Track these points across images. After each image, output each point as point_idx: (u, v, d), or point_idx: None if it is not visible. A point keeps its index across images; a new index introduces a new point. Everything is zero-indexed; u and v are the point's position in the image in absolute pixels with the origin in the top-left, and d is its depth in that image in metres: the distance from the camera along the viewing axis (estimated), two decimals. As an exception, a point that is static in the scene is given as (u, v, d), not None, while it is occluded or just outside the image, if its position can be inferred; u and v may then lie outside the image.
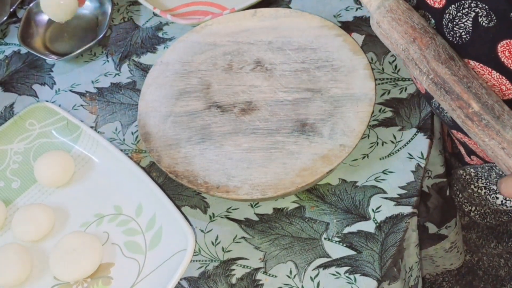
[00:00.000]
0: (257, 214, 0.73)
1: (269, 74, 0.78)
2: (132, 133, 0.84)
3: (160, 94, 0.80)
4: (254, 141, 0.73)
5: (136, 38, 0.95)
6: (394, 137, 0.75)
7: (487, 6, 0.56)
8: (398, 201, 0.70)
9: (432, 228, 0.85)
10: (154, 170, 0.79)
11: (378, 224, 0.69)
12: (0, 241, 0.75)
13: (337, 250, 0.68)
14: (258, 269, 0.69)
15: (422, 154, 0.73)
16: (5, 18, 1.00)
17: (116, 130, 0.84)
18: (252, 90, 0.78)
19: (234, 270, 0.69)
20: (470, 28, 0.58)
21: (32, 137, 0.83)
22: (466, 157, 0.74)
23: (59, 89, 0.91)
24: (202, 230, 0.73)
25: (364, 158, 0.75)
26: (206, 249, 0.72)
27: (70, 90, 0.91)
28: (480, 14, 0.57)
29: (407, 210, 0.70)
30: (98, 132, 0.84)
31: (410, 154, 0.73)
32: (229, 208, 0.74)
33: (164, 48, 0.92)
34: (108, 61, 0.93)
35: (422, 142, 0.74)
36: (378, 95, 0.78)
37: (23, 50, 0.98)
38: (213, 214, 0.74)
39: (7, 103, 0.92)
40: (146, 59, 0.92)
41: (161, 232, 0.72)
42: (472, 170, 0.73)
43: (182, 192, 0.77)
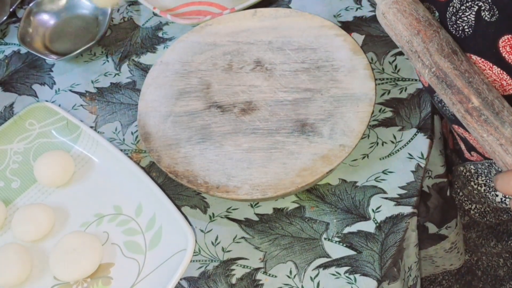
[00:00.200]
0: (257, 214, 0.73)
1: (269, 74, 0.78)
2: (132, 133, 0.83)
3: (160, 94, 0.80)
4: (254, 141, 0.73)
5: (136, 38, 0.95)
6: (394, 137, 0.75)
7: (490, 0, 0.56)
8: (398, 201, 0.70)
9: (432, 228, 0.85)
10: (154, 170, 0.79)
11: (378, 224, 0.69)
12: (0, 241, 0.75)
13: (337, 250, 0.68)
14: (258, 269, 0.69)
15: (422, 154, 0.73)
16: (5, 18, 1.00)
17: (116, 130, 0.84)
18: (252, 90, 0.78)
19: (234, 270, 0.69)
20: (473, 22, 0.58)
21: (32, 137, 0.83)
22: (466, 153, 0.74)
23: (59, 89, 0.91)
24: (202, 230, 0.73)
25: (364, 158, 0.75)
26: (206, 249, 0.72)
27: (70, 90, 0.91)
28: (483, 8, 0.57)
29: (407, 210, 0.70)
30: (98, 132, 0.84)
31: (410, 154, 0.73)
32: (229, 208, 0.74)
33: (164, 48, 0.92)
34: (108, 61, 0.93)
35: (422, 142, 0.74)
36: (378, 95, 0.78)
37: (23, 50, 0.97)
38: (213, 214, 0.74)
39: (7, 103, 0.92)
40: (146, 59, 0.92)
41: (161, 232, 0.72)
42: (472, 166, 0.73)
43: (182, 192, 0.77)
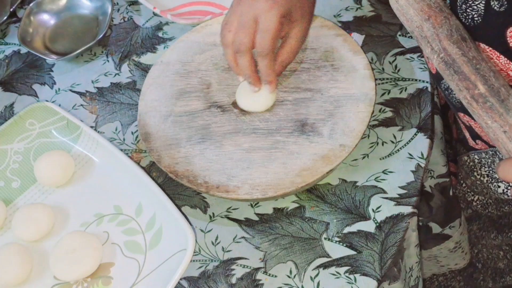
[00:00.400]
0: (257, 214, 0.73)
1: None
2: (132, 133, 0.83)
3: (160, 94, 0.80)
4: (254, 141, 0.73)
5: (136, 38, 0.95)
6: (394, 137, 0.75)
7: None
8: (398, 201, 0.70)
9: (435, 228, 0.85)
10: (154, 170, 0.79)
11: (378, 224, 0.69)
12: (0, 241, 0.75)
13: (337, 250, 0.68)
14: (258, 269, 0.69)
15: (422, 154, 0.73)
16: (5, 18, 1.00)
17: (116, 130, 0.84)
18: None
19: (234, 270, 0.69)
20: (482, 10, 0.58)
21: (32, 136, 0.83)
22: (471, 141, 0.74)
23: (59, 89, 0.91)
24: (202, 230, 0.73)
25: (364, 158, 0.75)
26: (206, 249, 0.72)
27: (70, 90, 0.91)
28: None
29: (407, 210, 0.69)
30: (98, 132, 0.84)
31: (410, 154, 0.73)
32: (229, 208, 0.74)
33: (164, 48, 0.92)
34: (108, 61, 0.93)
35: (422, 142, 0.74)
36: (378, 95, 0.78)
37: (23, 50, 0.98)
38: (213, 214, 0.74)
39: (7, 103, 0.92)
40: (146, 59, 0.92)
41: (161, 232, 0.72)
42: (476, 156, 0.73)
43: (182, 192, 0.77)
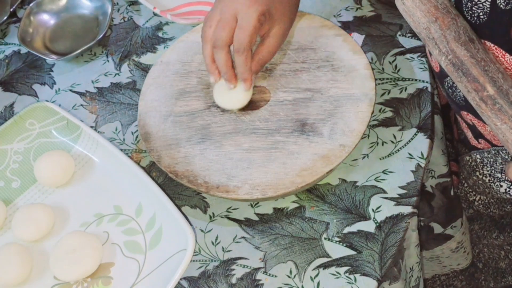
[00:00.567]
0: (257, 214, 0.73)
1: (269, 74, 0.78)
2: (132, 133, 0.83)
3: (160, 94, 0.80)
4: (254, 141, 0.73)
5: (136, 38, 0.95)
6: (394, 137, 0.75)
7: None
8: (398, 201, 0.70)
9: (437, 228, 0.85)
10: (154, 170, 0.79)
11: (378, 224, 0.69)
12: (0, 241, 0.75)
13: (337, 250, 0.68)
14: (258, 269, 0.69)
15: (422, 154, 0.73)
16: (5, 18, 1.00)
17: (116, 130, 0.84)
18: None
19: (234, 270, 0.69)
20: (488, 8, 0.58)
21: (32, 136, 0.83)
22: (474, 140, 0.74)
23: (59, 89, 0.91)
24: (202, 230, 0.73)
25: (364, 158, 0.75)
26: (206, 249, 0.72)
27: (70, 90, 0.91)
28: None
29: (407, 210, 0.69)
30: (98, 132, 0.84)
31: (410, 154, 0.73)
32: (229, 208, 0.74)
33: (164, 48, 0.92)
34: (108, 61, 0.93)
35: (422, 142, 0.74)
36: (378, 95, 0.78)
37: (23, 50, 0.97)
38: (213, 214, 0.74)
39: (7, 103, 0.92)
40: (146, 59, 0.92)
41: (161, 232, 0.72)
42: (478, 156, 0.73)
43: (182, 192, 0.77)
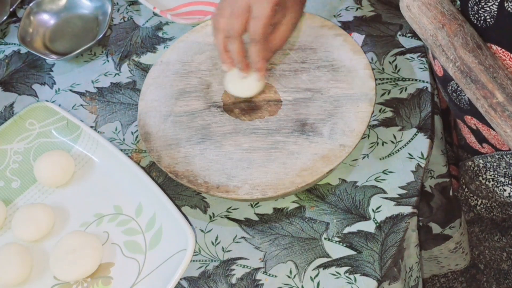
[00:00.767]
0: (257, 214, 0.73)
1: (269, 74, 0.78)
2: (132, 133, 0.83)
3: (160, 94, 0.80)
4: (254, 141, 0.73)
5: (136, 38, 0.95)
6: (394, 137, 0.75)
7: None
8: (398, 201, 0.70)
9: (436, 228, 0.85)
10: (154, 170, 0.79)
11: (378, 224, 0.69)
12: (0, 241, 0.75)
13: (337, 250, 0.68)
14: (258, 269, 0.69)
15: (422, 154, 0.73)
16: (5, 17, 1.00)
17: (116, 130, 0.84)
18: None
19: (234, 270, 0.69)
20: (496, 12, 0.58)
21: (32, 136, 0.83)
22: (477, 145, 0.73)
23: (59, 88, 0.91)
24: (202, 230, 0.73)
25: (364, 158, 0.75)
26: (206, 249, 0.72)
27: (70, 90, 0.91)
28: None
29: (407, 210, 0.70)
30: (98, 132, 0.84)
31: (410, 154, 0.73)
32: (229, 208, 0.74)
33: (164, 48, 0.92)
34: (108, 61, 0.93)
35: (422, 142, 0.74)
36: (378, 95, 0.78)
37: (23, 50, 0.97)
38: (213, 214, 0.74)
39: (7, 103, 0.91)
40: (146, 59, 0.92)
41: (161, 232, 0.72)
42: (481, 161, 0.73)
43: (182, 192, 0.77)
